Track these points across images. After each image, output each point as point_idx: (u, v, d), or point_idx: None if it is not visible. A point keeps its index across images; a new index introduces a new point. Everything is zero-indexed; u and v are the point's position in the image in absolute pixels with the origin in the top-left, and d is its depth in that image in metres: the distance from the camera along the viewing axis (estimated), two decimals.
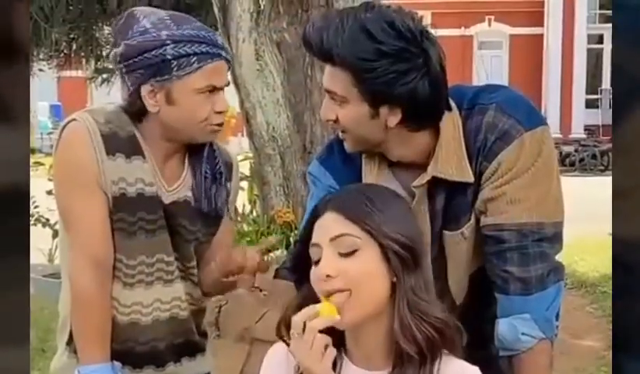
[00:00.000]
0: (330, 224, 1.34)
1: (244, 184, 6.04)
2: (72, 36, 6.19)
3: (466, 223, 1.59)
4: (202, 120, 1.70)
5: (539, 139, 1.54)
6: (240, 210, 5.55)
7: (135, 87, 1.69)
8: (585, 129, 20.15)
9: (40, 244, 6.07)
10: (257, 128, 4.93)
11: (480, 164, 1.56)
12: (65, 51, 6.53)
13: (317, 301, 1.35)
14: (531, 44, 21.09)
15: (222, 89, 1.72)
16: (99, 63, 7.57)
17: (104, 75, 7.90)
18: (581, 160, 18.52)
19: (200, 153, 1.80)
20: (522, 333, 1.53)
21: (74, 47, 6.39)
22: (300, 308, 1.37)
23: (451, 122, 1.56)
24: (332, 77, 1.51)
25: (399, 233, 1.33)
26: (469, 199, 1.58)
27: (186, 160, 1.80)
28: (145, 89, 1.67)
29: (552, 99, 20.23)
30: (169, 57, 1.64)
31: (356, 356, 1.37)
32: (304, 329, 1.30)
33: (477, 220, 1.59)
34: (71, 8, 5.84)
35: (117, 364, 1.74)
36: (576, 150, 18.73)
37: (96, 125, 1.69)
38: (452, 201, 1.58)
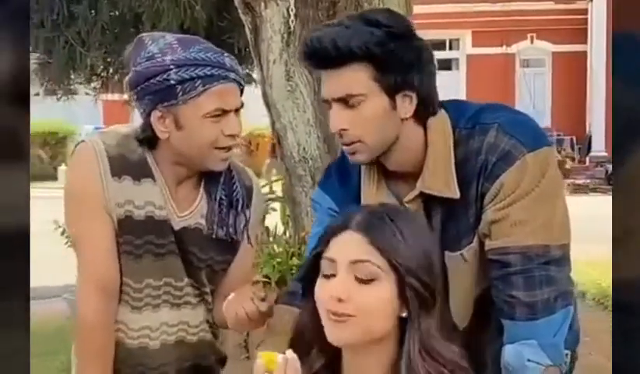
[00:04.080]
0: (353, 245, 1.28)
1: (277, 205, 6.03)
2: (108, 59, 6.30)
3: (467, 245, 1.54)
4: (210, 144, 1.66)
5: (543, 160, 1.50)
6: (272, 231, 5.54)
7: (145, 114, 1.68)
8: None
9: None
10: (288, 149, 4.90)
11: (482, 185, 1.51)
12: (102, 75, 6.64)
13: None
14: (574, 62, 20.76)
15: (233, 111, 1.67)
16: None
17: None
18: None
19: (217, 179, 1.76)
20: (528, 360, 1.47)
21: (110, 70, 6.49)
22: (304, 326, 1.34)
23: (441, 132, 1.54)
24: (344, 79, 1.48)
25: (423, 270, 1.27)
26: (470, 220, 1.54)
27: (202, 186, 1.77)
28: (154, 116, 1.66)
29: (597, 117, 19.85)
30: (173, 82, 1.62)
31: None
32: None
33: (481, 244, 1.54)
34: (107, 32, 5.93)
35: None
36: None
37: (103, 147, 1.68)
38: (451, 220, 1.54)
